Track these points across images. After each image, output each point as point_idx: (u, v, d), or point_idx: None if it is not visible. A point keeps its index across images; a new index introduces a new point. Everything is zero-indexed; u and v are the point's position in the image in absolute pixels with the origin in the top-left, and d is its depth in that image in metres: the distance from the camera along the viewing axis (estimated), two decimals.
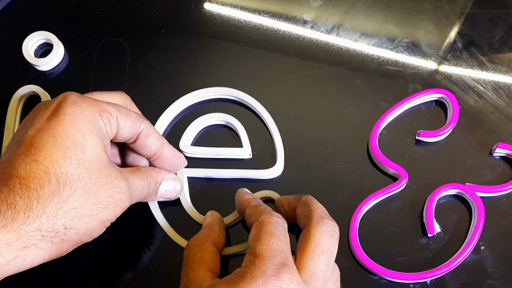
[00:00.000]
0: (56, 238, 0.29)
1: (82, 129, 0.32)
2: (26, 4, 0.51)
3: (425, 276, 0.39)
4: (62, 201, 0.29)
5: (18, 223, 0.28)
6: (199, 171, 0.43)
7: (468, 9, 0.48)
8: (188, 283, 0.32)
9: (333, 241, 0.32)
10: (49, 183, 0.29)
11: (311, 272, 0.31)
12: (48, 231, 0.29)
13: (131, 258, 0.41)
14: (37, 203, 0.28)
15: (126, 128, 0.35)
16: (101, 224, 0.32)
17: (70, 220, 0.30)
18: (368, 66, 0.46)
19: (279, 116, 0.44)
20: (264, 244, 0.31)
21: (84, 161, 0.31)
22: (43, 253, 0.29)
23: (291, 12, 0.49)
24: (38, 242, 0.29)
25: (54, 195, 0.29)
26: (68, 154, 0.30)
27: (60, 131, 0.31)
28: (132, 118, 0.36)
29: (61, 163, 0.30)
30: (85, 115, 0.32)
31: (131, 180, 0.35)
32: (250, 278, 0.29)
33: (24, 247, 0.28)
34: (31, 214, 0.28)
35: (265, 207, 0.36)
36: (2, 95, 0.46)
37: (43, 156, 0.30)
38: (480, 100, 0.45)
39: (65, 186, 0.30)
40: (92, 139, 0.32)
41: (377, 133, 0.43)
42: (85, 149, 0.31)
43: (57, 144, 0.30)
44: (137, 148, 0.38)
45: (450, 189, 0.41)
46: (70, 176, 0.30)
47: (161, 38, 0.49)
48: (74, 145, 0.31)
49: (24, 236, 0.28)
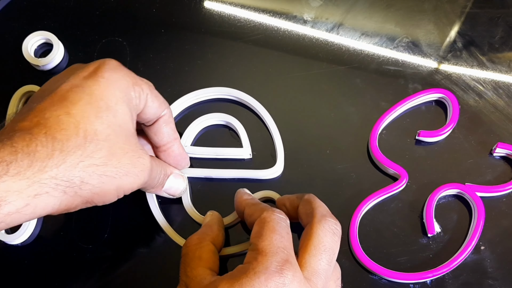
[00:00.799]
0: (70, 189, 0.29)
1: (116, 95, 0.32)
2: (26, 4, 0.51)
3: (425, 276, 0.39)
4: (86, 155, 0.29)
5: (34, 170, 0.27)
6: (199, 171, 0.43)
7: (468, 9, 0.48)
8: (187, 281, 0.32)
9: (335, 239, 0.32)
10: (76, 137, 0.29)
11: (313, 269, 0.31)
12: (63, 180, 0.28)
13: (131, 258, 0.41)
14: (59, 153, 0.28)
15: (153, 108, 0.36)
16: (116, 190, 0.32)
17: (89, 175, 0.30)
18: (368, 66, 0.46)
19: (279, 116, 0.44)
20: (266, 241, 0.31)
21: (114, 124, 0.31)
22: (53, 201, 0.29)
23: (291, 11, 0.49)
24: (51, 190, 0.28)
25: (79, 149, 0.29)
26: (100, 114, 0.31)
27: (96, 92, 0.31)
28: (160, 100, 0.36)
29: (92, 120, 0.30)
30: (121, 82, 0.33)
31: (152, 163, 0.35)
32: (252, 274, 0.29)
33: (35, 195, 0.28)
34: (49, 163, 0.28)
35: (266, 205, 0.36)
36: (2, 95, 0.46)
37: (75, 110, 0.30)
38: (480, 100, 0.45)
39: (91, 142, 0.30)
40: (123, 107, 0.32)
41: (377, 133, 0.43)
42: (116, 114, 0.32)
43: (91, 102, 0.31)
44: (151, 132, 0.38)
45: (450, 189, 0.41)
46: (98, 134, 0.30)
47: (161, 38, 0.49)
48: (107, 108, 0.31)
49: (37, 183, 0.27)
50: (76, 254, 0.42)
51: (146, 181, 0.34)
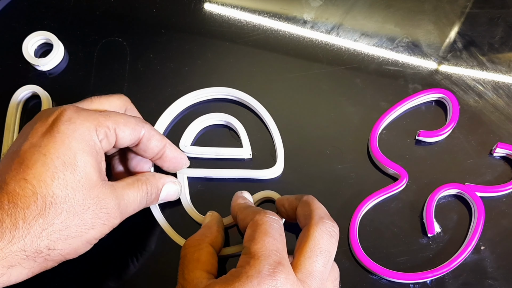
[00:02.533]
0: (39, 258, 0.30)
1: (74, 147, 0.32)
2: (26, 4, 0.51)
3: (425, 276, 0.39)
4: (47, 222, 0.30)
5: (4, 242, 0.28)
6: (199, 171, 0.43)
7: (468, 9, 0.48)
8: (184, 284, 0.32)
9: (332, 241, 0.32)
10: (35, 203, 0.29)
11: (307, 271, 0.31)
12: (31, 252, 0.29)
13: (131, 258, 0.41)
14: (23, 223, 0.29)
15: (126, 137, 0.35)
16: (86, 244, 0.32)
17: (54, 241, 0.30)
18: (368, 66, 0.46)
19: (279, 116, 0.44)
20: (259, 244, 0.31)
21: (72, 181, 0.31)
22: (26, 271, 0.30)
23: (291, 12, 0.49)
24: (23, 262, 0.29)
25: (40, 216, 0.29)
26: (57, 174, 0.30)
27: (52, 150, 0.31)
28: (132, 126, 0.35)
29: (49, 183, 0.30)
30: (79, 132, 0.32)
31: (126, 195, 0.35)
32: (245, 278, 0.29)
33: (9, 266, 0.29)
34: (16, 234, 0.29)
35: (258, 208, 0.36)
36: (2, 95, 0.46)
37: (31, 175, 0.30)
38: (480, 100, 0.45)
39: (50, 207, 0.30)
40: (83, 158, 0.32)
41: (377, 133, 0.43)
42: (75, 169, 0.31)
43: (47, 163, 0.31)
44: (140, 151, 0.38)
45: (450, 189, 0.41)
46: (56, 198, 0.30)
47: (161, 38, 0.49)
48: (64, 165, 0.31)
49: (10, 255, 0.28)
50: None
51: (118, 222, 0.34)
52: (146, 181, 0.37)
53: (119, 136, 0.35)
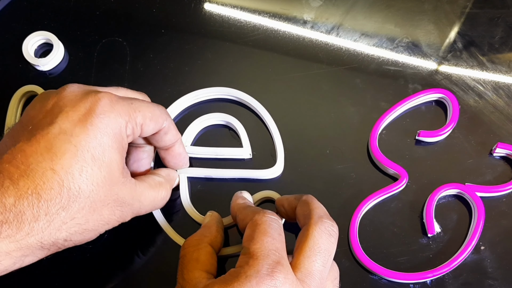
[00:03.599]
0: (53, 247, 0.30)
1: (104, 143, 0.31)
2: (26, 4, 0.51)
3: (425, 276, 0.39)
4: (69, 216, 0.30)
5: (22, 234, 0.28)
6: (199, 171, 0.43)
7: (468, 9, 0.48)
8: (183, 284, 0.32)
9: (331, 241, 0.32)
10: (60, 196, 0.29)
11: (307, 271, 0.31)
12: (48, 244, 0.30)
13: (131, 258, 0.41)
14: (45, 216, 0.29)
15: (149, 131, 0.36)
16: (97, 235, 0.33)
17: (72, 234, 0.30)
18: (368, 66, 0.46)
19: (279, 116, 0.44)
20: (258, 244, 0.31)
21: (98, 177, 0.31)
22: (38, 258, 0.30)
23: (291, 12, 0.49)
24: (37, 251, 0.29)
25: (63, 210, 0.29)
26: (85, 168, 0.30)
27: (83, 142, 0.30)
28: (157, 119, 0.35)
29: (76, 177, 0.30)
30: (111, 127, 0.32)
31: (144, 197, 0.35)
32: (244, 278, 0.29)
33: (23, 256, 0.29)
34: (35, 226, 0.28)
35: (257, 208, 0.36)
36: (2, 95, 0.46)
37: (60, 166, 0.29)
38: (480, 100, 0.45)
39: (75, 201, 0.30)
40: (110, 155, 0.32)
41: (377, 133, 0.43)
42: (102, 165, 0.31)
43: (77, 155, 0.30)
44: (153, 140, 0.38)
45: (450, 189, 0.41)
46: (81, 192, 0.30)
47: (161, 38, 0.49)
48: (93, 160, 0.31)
49: (25, 246, 0.28)
50: (76, 254, 0.42)
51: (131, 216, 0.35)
52: (167, 184, 0.38)
53: (143, 130, 0.35)
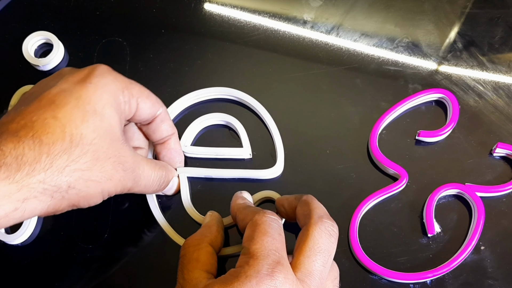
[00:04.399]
0: (57, 194, 0.29)
1: (104, 99, 0.32)
2: (26, 4, 0.51)
3: (425, 276, 0.39)
4: (71, 159, 0.30)
5: (22, 174, 0.28)
6: (199, 171, 0.43)
7: (468, 9, 0.48)
8: (183, 284, 0.32)
9: (331, 241, 0.32)
10: (62, 141, 0.29)
11: (307, 271, 0.31)
12: (51, 185, 0.29)
13: (131, 258, 0.41)
14: (46, 157, 0.29)
15: (145, 109, 0.36)
16: (100, 193, 0.32)
17: (75, 179, 0.30)
18: (368, 66, 0.46)
19: (279, 116, 0.44)
20: (258, 244, 0.31)
21: (100, 128, 0.31)
22: (41, 206, 0.29)
23: (291, 12, 0.49)
24: (39, 195, 0.29)
25: (65, 153, 0.29)
26: (87, 118, 0.31)
27: (83, 96, 0.32)
28: (152, 101, 0.37)
29: (78, 124, 0.30)
30: (109, 87, 0.33)
31: (143, 166, 0.36)
32: (244, 278, 0.29)
33: (24, 199, 0.28)
34: (37, 167, 0.28)
35: (257, 208, 0.36)
36: (2, 95, 0.46)
37: (62, 114, 0.30)
38: (480, 100, 0.45)
39: (77, 146, 0.30)
40: (110, 111, 0.33)
41: (377, 133, 0.43)
42: (103, 118, 0.32)
43: (78, 106, 0.31)
44: (149, 130, 0.39)
45: (450, 189, 0.41)
46: (84, 139, 0.30)
47: (161, 38, 0.49)
48: (94, 111, 0.31)
49: (26, 187, 0.28)
50: (76, 254, 0.42)
51: (130, 186, 0.34)
52: (163, 167, 0.38)
53: (139, 106, 0.36)
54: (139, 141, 0.40)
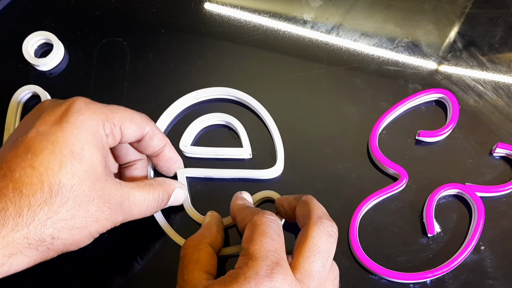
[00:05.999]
0: (42, 247, 0.30)
1: (82, 138, 0.32)
2: (26, 4, 0.51)
3: (425, 276, 0.39)
4: (52, 211, 0.29)
5: (7, 230, 0.28)
6: (199, 171, 0.43)
7: (468, 9, 0.48)
8: (183, 284, 0.32)
9: (331, 241, 0.32)
10: (41, 191, 0.29)
11: (306, 271, 0.31)
12: (35, 240, 0.29)
13: (131, 258, 0.41)
14: (27, 211, 0.28)
15: (131, 133, 0.36)
16: (89, 236, 0.32)
17: (58, 230, 0.30)
18: (368, 66, 0.46)
19: (279, 116, 0.44)
20: (257, 245, 0.31)
21: (79, 171, 0.31)
22: (27, 260, 0.29)
23: (291, 12, 0.49)
24: (24, 250, 0.29)
25: (45, 204, 0.29)
26: (64, 163, 0.30)
27: (60, 139, 0.31)
28: (138, 123, 0.36)
29: (56, 171, 0.30)
30: (88, 124, 0.32)
31: (133, 196, 0.35)
32: (243, 279, 0.29)
33: (10, 254, 0.28)
34: (20, 221, 0.28)
35: (256, 208, 0.36)
36: (2, 95, 0.46)
37: (38, 162, 0.30)
38: (480, 100, 0.45)
39: (57, 195, 0.30)
40: (90, 150, 0.32)
41: (377, 133, 0.43)
42: (82, 160, 0.31)
43: (55, 151, 0.30)
44: (140, 147, 0.38)
45: (450, 189, 0.41)
46: (63, 186, 0.30)
47: (161, 38, 0.49)
48: (72, 155, 0.31)
49: (11, 243, 0.28)
50: (76, 254, 0.42)
51: (121, 220, 0.34)
52: (158, 186, 0.37)
53: (124, 132, 0.35)
54: (135, 155, 0.40)
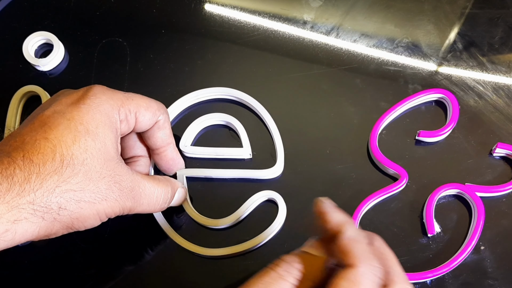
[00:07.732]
0: (48, 215, 0.29)
1: (97, 119, 0.32)
2: (26, 4, 0.51)
3: (425, 276, 0.39)
4: (62, 180, 0.29)
5: (12, 194, 0.28)
6: (199, 171, 0.43)
7: (468, 9, 0.48)
8: None
9: None
10: (52, 161, 0.29)
11: None
12: (41, 206, 0.29)
13: (131, 258, 0.41)
14: (36, 177, 0.29)
15: (145, 121, 0.36)
16: (96, 215, 0.32)
17: (66, 200, 0.30)
18: (368, 67, 0.46)
19: (279, 116, 0.44)
20: None
21: (92, 148, 0.31)
22: (33, 228, 0.29)
23: (291, 12, 0.49)
24: (29, 216, 0.28)
25: (55, 173, 0.29)
26: (78, 138, 0.31)
27: (76, 116, 0.32)
28: (153, 111, 0.37)
29: (69, 145, 0.30)
30: (103, 107, 0.33)
31: (143, 185, 0.35)
32: None
33: (14, 220, 0.28)
34: (27, 187, 0.28)
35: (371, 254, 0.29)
36: (2, 95, 0.47)
37: (53, 135, 0.30)
38: (480, 100, 0.45)
39: (68, 166, 0.30)
40: (104, 130, 0.32)
41: (377, 133, 0.43)
42: (96, 138, 0.32)
43: (70, 127, 0.31)
44: (145, 136, 0.38)
45: (450, 189, 0.41)
46: (74, 159, 0.30)
47: (161, 38, 0.49)
48: (86, 132, 0.31)
49: (16, 208, 0.28)
50: (76, 254, 0.42)
51: (130, 206, 0.34)
52: (166, 182, 0.38)
53: (139, 119, 0.36)
54: (140, 150, 0.40)
